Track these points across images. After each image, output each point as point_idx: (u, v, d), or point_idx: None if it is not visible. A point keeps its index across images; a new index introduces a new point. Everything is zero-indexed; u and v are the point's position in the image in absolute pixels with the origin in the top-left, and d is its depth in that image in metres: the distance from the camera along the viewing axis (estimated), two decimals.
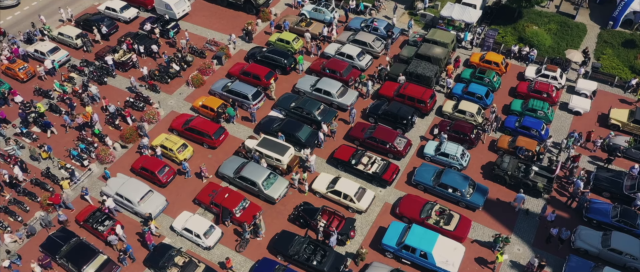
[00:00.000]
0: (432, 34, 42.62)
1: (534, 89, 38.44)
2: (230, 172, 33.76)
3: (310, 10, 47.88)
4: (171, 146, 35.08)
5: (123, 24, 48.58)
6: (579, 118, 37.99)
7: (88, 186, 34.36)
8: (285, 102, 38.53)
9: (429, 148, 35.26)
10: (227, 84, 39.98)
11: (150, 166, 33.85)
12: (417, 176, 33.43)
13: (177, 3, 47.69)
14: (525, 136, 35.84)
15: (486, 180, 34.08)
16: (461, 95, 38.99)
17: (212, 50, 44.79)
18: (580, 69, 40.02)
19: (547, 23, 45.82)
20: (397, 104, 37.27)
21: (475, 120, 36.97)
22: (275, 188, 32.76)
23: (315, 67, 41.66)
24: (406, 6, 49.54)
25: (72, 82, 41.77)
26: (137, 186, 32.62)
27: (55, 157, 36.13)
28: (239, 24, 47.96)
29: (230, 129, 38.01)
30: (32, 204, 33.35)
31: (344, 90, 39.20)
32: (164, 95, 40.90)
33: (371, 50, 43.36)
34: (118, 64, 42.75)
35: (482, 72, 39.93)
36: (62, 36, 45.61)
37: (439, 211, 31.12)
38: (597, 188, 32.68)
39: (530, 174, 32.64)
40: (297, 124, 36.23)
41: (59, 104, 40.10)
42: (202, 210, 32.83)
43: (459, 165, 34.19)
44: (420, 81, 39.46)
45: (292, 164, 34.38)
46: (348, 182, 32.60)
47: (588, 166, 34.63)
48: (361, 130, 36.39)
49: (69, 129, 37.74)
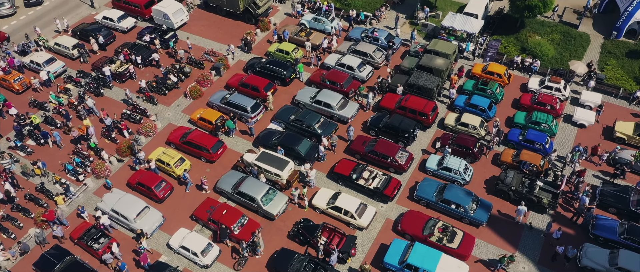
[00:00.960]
0: (434, 44, 42.00)
1: (538, 101, 37.79)
2: (229, 188, 33.05)
3: (310, 20, 47.27)
4: (168, 160, 34.37)
5: (120, 34, 47.92)
6: (584, 131, 37.33)
7: (83, 201, 33.63)
8: (285, 115, 37.86)
9: (431, 162, 34.58)
10: (226, 96, 39.32)
11: (147, 181, 33.14)
12: (419, 191, 32.74)
13: (175, 13, 47.07)
14: (529, 149, 35.18)
15: (489, 195, 33.40)
16: (463, 108, 38.33)
17: (211, 61, 44.14)
18: (589, 83, 39.34)
19: (550, 33, 45.23)
20: (398, 117, 36.60)
21: (478, 134, 36.31)
22: (275, 204, 32.07)
23: (315, 79, 41.01)
24: (407, 16, 48.94)
25: (68, 93, 41.09)
26: (133, 202, 31.91)
27: (50, 171, 35.42)
28: (238, 34, 47.34)
29: (229, 142, 37.34)
30: (26, 221, 32.63)
31: (345, 102, 38.55)
32: (161, 107, 40.23)
33: (372, 61, 42.73)
34: (115, 75, 42.08)
35: (485, 84, 39.29)
36: (59, 46, 44.97)
37: (442, 227, 30.41)
38: (603, 204, 31.99)
39: (535, 189, 31.96)
40: (296, 137, 35.55)
41: (54, 116, 39.42)
42: (199, 226, 32.11)
43: (461, 180, 33.51)
44: (421, 93, 38.81)
45: (292, 179, 33.69)
46: (349, 198, 31.91)
47: (594, 181, 33.93)
48: (362, 143, 35.71)
49: (61, 145, 36.87)
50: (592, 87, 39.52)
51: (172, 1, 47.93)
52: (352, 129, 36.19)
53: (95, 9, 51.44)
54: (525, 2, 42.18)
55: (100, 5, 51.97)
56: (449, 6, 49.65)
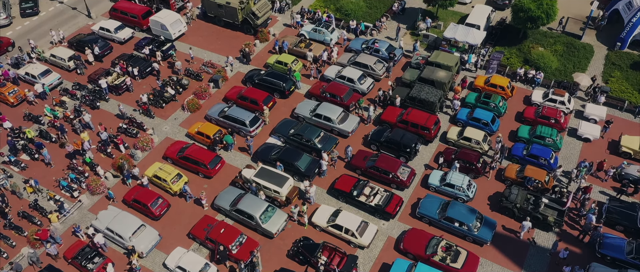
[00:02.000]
0: (435, 56, 41.34)
1: (542, 114, 37.09)
2: (227, 205, 32.29)
3: (309, 31, 46.63)
4: (165, 177, 33.61)
5: (117, 45, 47.23)
6: (589, 145, 36.61)
7: (78, 219, 32.85)
8: (284, 129, 37.14)
9: (433, 178, 33.85)
10: (224, 109, 38.60)
11: (143, 198, 32.38)
12: (421, 209, 32.00)
13: (172, 24, 46.41)
14: (533, 165, 34.47)
15: (493, 212, 32.66)
16: (466, 121, 37.63)
17: (209, 72, 43.46)
18: (599, 98, 38.60)
19: (553, 44, 44.57)
20: (400, 131, 35.88)
21: (482, 148, 35.60)
22: (274, 222, 31.31)
23: (315, 91, 40.30)
24: (408, 26, 48.32)
25: (63, 106, 40.37)
26: (128, 220, 31.14)
27: (44, 187, 34.64)
28: (237, 45, 46.66)
29: (227, 157, 36.59)
30: (18, 239, 31.83)
31: (345, 115, 37.84)
32: (158, 121, 39.50)
33: (372, 73, 42.04)
34: (111, 87, 41.37)
35: (488, 97, 38.60)
36: (54, 58, 44.27)
37: (446, 246, 29.65)
38: (610, 221, 31.25)
39: (540, 206, 31.23)
40: (296, 152, 34.82)
41: (49, 130, 38.68)
42: (196, 245, 31.33)
43: (465, 196, 32.77)
44: (423, 106, 38.11)
45: (291, 195, 32.94)
46: (350, 216, 31.15)
47: (600, 197, 33.20)
48: (363, 158, 34.97)
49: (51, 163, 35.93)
50: (602, 102, 38.75)
51: (170, 12, 47.30)
52: (351, 149, 35.19)
53: (92, 19, 50.80)
54: (528, 14, 41.56)
55: (97, 16, 51.35)
56: (450, 16, 49.05)
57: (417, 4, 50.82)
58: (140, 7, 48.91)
